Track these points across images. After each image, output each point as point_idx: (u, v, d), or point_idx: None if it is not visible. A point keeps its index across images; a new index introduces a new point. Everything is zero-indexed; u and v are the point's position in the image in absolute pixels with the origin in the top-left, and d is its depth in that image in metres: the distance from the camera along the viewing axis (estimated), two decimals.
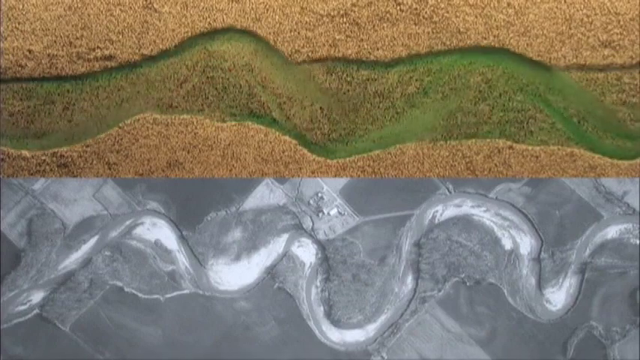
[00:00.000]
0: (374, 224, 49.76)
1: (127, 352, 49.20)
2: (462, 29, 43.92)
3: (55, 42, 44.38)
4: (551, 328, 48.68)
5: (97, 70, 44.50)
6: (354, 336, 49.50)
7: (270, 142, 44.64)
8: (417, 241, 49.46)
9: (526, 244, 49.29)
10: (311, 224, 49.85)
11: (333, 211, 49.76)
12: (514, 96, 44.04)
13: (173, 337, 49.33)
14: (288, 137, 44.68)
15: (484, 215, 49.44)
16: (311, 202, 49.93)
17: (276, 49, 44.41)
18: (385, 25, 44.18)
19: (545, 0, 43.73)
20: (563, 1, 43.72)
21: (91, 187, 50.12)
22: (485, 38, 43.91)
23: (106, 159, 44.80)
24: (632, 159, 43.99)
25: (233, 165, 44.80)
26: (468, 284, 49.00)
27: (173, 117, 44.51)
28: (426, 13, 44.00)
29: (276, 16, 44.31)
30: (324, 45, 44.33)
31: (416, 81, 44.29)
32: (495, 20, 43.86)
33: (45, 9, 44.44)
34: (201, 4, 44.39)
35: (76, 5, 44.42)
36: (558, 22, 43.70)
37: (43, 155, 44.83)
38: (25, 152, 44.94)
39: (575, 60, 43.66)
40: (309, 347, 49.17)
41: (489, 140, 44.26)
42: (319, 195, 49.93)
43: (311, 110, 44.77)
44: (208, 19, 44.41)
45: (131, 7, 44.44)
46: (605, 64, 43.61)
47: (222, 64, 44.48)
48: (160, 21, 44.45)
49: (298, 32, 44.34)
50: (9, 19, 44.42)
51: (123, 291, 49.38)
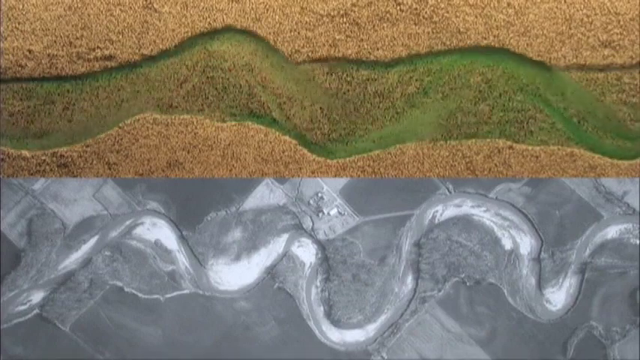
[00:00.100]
0: (374, 224, 49.74)
1: (127, 352, 49.19)
2: (462, 29, 43.91)
3: (55, 42, 44.37)
4: (551, 328, 48.66)
5: (97, 70, 44.50)
6: (354, 336, 49.48)
7: (270, 142, 44.63)
8: (417, 241, 49.44)
9: (526, 244, 49.27)
10: (311, 224, 49.83)
11: (333, 211, 49.74)
12: (514, 96, 44.03)
13: (173, 337, 49.32)
14: (288, 137, 44.67)
15: (484, 215, 49.43)
16: (311, 202, 49.91)
17: (276, 49, 44.40)
18: (385, 25, 44.17)
19: (545, 0, 43.72)
20: (563, 1, 43.72)
21: (91, 187, 50.10)
22: (485, 38, 43.90)
23: (106, 159, 44.79)
24: (632, 159, 43.98)
25: (233, 165, 44.79)
26: (468, 284, 48.99)
27: (173, 117, 44.50)
28: (426, 13, 43.99)
29: (276, 16, 44.30)
30: (324, 45, 44.32)
31: (416, 81, 44.28)
32: (495, 20, 43.85)
33: (45, 9, 44.43)
34: (201, 4, 44.39)
35: (76, 5, 44.42)
36: (558, 22, 43.69)
37: (43, 155, 44.82)
38: (25, 152, 44.93)
39: (575, 60, 43.65)
40: (309, 347, 49.15)
41: (489, 140, 44.24)
42: (319, 195, 49.91)
43: (311, 110, 44.76)
44: (208, 19, 44.41)
45: (131, 7, 44.43)
46: (605, 64, 43.60)
47: (222, 64, 44.48)
48: (160, 21, 44.44)
49: (298, 32, 44.33)
50: (9, 19, 44.42)
51: (123, 291, 49.36)
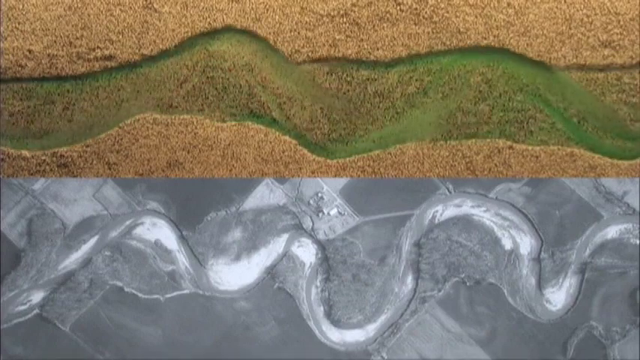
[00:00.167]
0: (374, 224, 49.74)
1: (127, 352, 49.19)
2: (462, 29, 43.91)
3: (55, 42, 44.37)
4: (551, 328, 48.66)
5: (97, 70, 44.50)
6: (354, 336, 49.48)
7: (270, 142, 44.63)
8: (417, 241, 49.43)
9: (526, 244, 49.27)
10: (311, 224, 49.83)
11: (333, 211, 49.74)
12: (514, 96, 44.03)
13: (173, 337, 49.31)
14: (288, 137, 44.67)
15: (484, 215, 49.42)
16: (311, 202, 49.91)
17: (276, 49, 44.40)
18: (385, 25, 44.17)
19: (545, 0, 43.72)
20: (563, 1, 43.72)
21: (91, 187, 50.10)
22: (485, 38, 43.90)
23: (106, 159, 44.79)
24: (632, 159, 43.98)
25: (233, 165, 44.79)
26: (468, 284, 48.98)
27: (173, 117, 44.50)
28: (426, 13, 43.99)
29: (276, 16, 44.30)
30: (324, 45, 44.31)
31: (416, 81, 44.28)
32: (495, 20, 43.85)
33: (45, 9, 44.43)
34: (201, 4, 44.39)
35: (76, 5, 44.42)
36: (558, 22, 43.69)
37: (43, 155, 44.82)
38: (25, 152, 44.93)
39: (575, 60, 43.65)
40: (309, 347, 49.15)
41: (489, 140, 44.25)
42: (319, 195, 49.90)
43: (311, 110, 44.75)
44: (208, 19, 44.41)
45: (131, 7, 44.43)
46: (605, 64, 43.60)
47: (222, 64, 44.48)
48: (160, 21, 44.44)
49: (298, 32, 44.33)
50: (9, 19, 44.41)
51: (123, 291, 49.35)
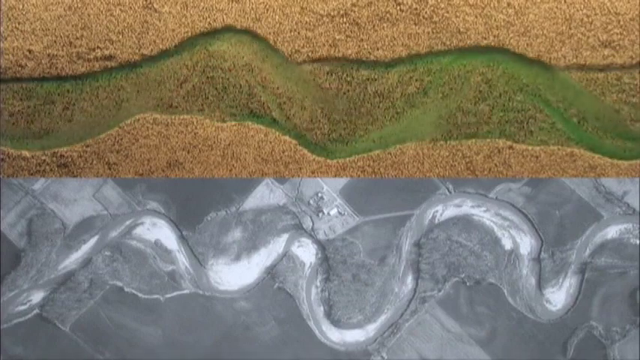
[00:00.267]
0: (374, 224, 49.74)
1: (127, 352, 49.18)
2: (462, 29, 43.91)
3: (55, 42, 44.37)
4: (551, 328, 48.65)
5: (97, 70, 44.51)
6: (354, 336, 49.47)
7: (270, 142, 44.63)
8: (417, 241, 49.43)
9: (526, 244, 49.26)
10: (311, 224, 49.82)
11: (333, 211, 49.74)
12: (514, 96, 44.03)
13: (173, 337, 49.31)
14: (288, 137, 44.67)
15: (484, 215, 49.42)
16: (311, 202, 49.91)
17: (276, 49, 44.40)
18: (385, 25, 44.17)
19: (545, 0, 43.72)
20: (563, 1, 43.72)
21: (91, 187, 50.10)
22: (485, 38, 43.90)
23: (106, 159, 44.79)
24: (632, 159, 43.96)
25: (233, 165, 44.79)
26: (468, 284, 48.98)
27: (173, 117, 44.51)
28: (426, 13, 43.99)
29: (276, 16, 44.30)
30: (324, 45, 44.31)
31: (416, 81, 44.28)
32: (495, 20, 43.85)
33: (45, 9, 44.43)
34: (201, 4, 44.39)
35: (76, 5, 44.42)
36: (558, 22, 43.69)
37: (43, 155, 44.83)
38: (25, 152, 44.94)
39: (575, 60, 43.65)
40: (309, 347, 49.15)
41: (489, 140, 44.25)
42: (319, 195, 49.90)
43: (311, 110, 44.76)
44: (208, 19, 44.41)
45: (131, 7, 44.43)
46: (605, 64, 43.60)
47: (222, 64, 44.48)
48: (160, 21, 44.45)
49: (298, 32, 44.33)
50: (9, 19, 44.42)
51: (123, 291, 49.35)
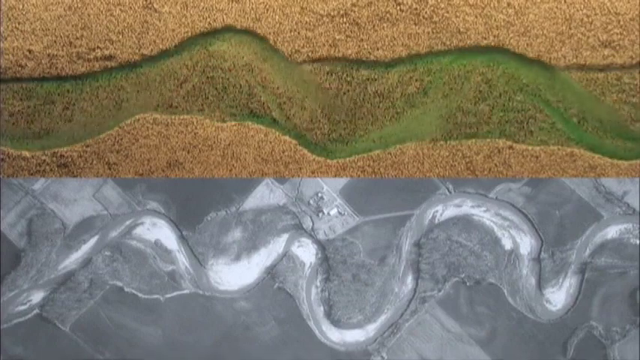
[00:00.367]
0: (374, 224, 49.73)
1: (127, 352, 49.18)
2: (462, 29, 43.91)
3: (55, 42, 44.37)
4: (551, 328, 48.65)
5: (97, 70, 44.51)
6: (354, 336, 49.47)
7: (270, 142, 44.63)
8: (417, 241, 49.43)
9: (526, 244, 49.26)
10: (311, 224, 49.82)
11: (333, 211, 49.73)
12: (514, 96, 44.03)
13: (173, 337, 49.31)
14: (288, 137, 44.67)
15: (484, 215, 49.42)
16: (311, 202, 49.91)
17: (276, 49, 44.40)
18: (385, 25, 44.17)
19: (545, 0, 43.72)
20: (563, 1, 43.72)
21: (91, 187, 50.10)
22: (485, 38, 43.90)
23: (106, 159, 44.79)
24: (632, 159, 43.96)
25: (233, 165, 44.79)
26: (468, 284, 48.98)
27: (173, 117, 44.51)
28: (426, 13, 43.99)
29: (276, 16, 44.30)
30: (324, 45, 44.31)
31: (416, 81, 44.28)
32: (495, 20, 43.85)
33: (45, 9, 44.43)
34: (201, 4, 44.39)
35: (76, 5, 44.42)
36: (558, 22, 43.69)
37: (43, 155, 44.83)
38: (25, 152, 44.93)
39: (575, 60, 43.65)
40: (309, 347, 49.15)
41: (489, 140, 44.25)
42: (319, 195, 49.90)
43: (311, 110, 44.76)
44: (208, 19, 44.41)
45: (131, 7, 44.44)
46: (605, 64, 43.60)
47: (222, 64, 44.48)
48: (160, 21, 44.45)
49: (298, 32, 44.33)
50: (9, 19, 44.41)
51: (123, 291, 49.35)
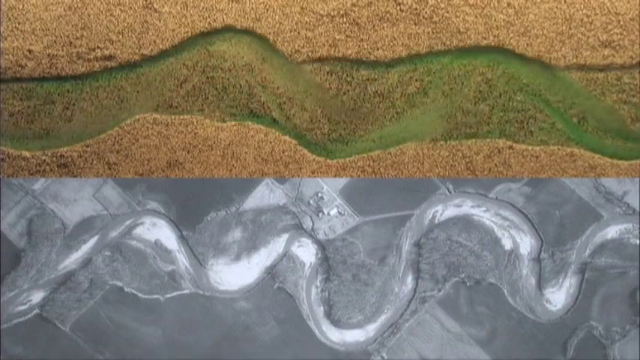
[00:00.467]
0: (374, 224, 49.74)
1: (127, 352, 49.18)
2: (462, 29, 43.91)
3: (55, 42, 44.37)
4: (551, 328, 48.65)
5: (97, 70, 44.51)
6: (354, 336, 49.47)
7: (270, 142, 44.63)
8: (417, 241, 49.43)
9: (526, 244, 49.26)
10: (311, 224, 49.82)
11: (333, 211, 49.74)
12: (514, 96, 44.03)
13: (173, 337, 49.31)
14: (288, 137, 44.67)
15: (484, 215, 49.42)
16: (311, 202, 49.91)
17: (276, 49, 44.40)
18: (385, 25, 44.17)
19: (545, 0, 43.72)
20: (563, 1, 43.72)
21: (91, 187, 50.10)
22: (485, 38, 43.90)
23: (106, 159, 44.79)
24: (632, 159, 43.96)
25: (233, 165, 44.79)
26: (468, 284, 48.98)
27: (173, 117, 44.50)
28: (426, 13, 43.99)
29: (276, 16, 44.30)
30: (324, 45, 44.31)
31: (416, 81, 44.28)
32: (495, 20, 43.85)
33: (45, 9, 44.43)
34: (201, 4, 44.39)
35: (76, 5, 44.42)
36: (558, 22, 43.69)
37: (43, 155, 44.83)
38: (25, 152, 44.93)
39: (575, 60, 43.65)
40: (309, 347, 49.15)
41: (489, 140, 44.25)
42: (319, 195, 49.90)
43: (311, 110, 44.76)
44: (208, 19, 44.41)
45: (131, 7, 44.44)
46: (605, 64, 43.60)
47: (222, 64, 44.48)
48: (160, 21, 44.45)
49: (298, 32, 44.33)
50: (9, 19, 44.42)
51: (123, 291, 49.35)
